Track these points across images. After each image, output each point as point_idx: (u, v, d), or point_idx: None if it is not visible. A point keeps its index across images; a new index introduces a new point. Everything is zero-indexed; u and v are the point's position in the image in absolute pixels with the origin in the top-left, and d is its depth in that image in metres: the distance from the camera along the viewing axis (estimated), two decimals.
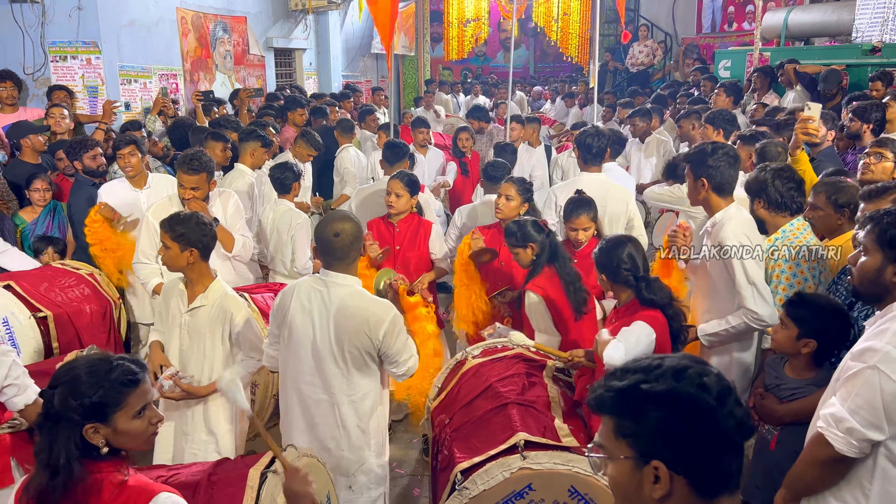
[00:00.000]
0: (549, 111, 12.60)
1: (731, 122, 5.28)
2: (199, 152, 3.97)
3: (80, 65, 7.49)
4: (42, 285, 4.11)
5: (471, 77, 15.89)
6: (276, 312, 2.91)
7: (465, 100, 13.63)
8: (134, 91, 8.08)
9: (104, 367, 1.79)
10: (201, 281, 3.06)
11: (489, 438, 2.63)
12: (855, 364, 1.97)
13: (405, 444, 4.42)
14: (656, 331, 2.76)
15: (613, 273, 2.90)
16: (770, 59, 8.72)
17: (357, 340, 2.72)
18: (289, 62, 12.05)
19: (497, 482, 2.39)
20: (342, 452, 2.86)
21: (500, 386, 2.94)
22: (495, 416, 2.76)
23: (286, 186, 4.52)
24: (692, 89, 9.72)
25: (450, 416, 2.93)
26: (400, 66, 15.69)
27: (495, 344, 3.42)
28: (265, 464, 2.37)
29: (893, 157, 3.60)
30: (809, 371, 2.68)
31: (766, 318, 2.96)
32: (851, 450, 1.94)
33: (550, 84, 15.24)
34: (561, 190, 4.53)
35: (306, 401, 2.85)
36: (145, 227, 3.99)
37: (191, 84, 9.09)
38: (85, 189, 4.75)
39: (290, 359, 2.86)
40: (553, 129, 10.03)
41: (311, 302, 2.77)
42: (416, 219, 4.24)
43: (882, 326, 1.97)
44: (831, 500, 2.07)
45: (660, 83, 12.72)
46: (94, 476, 1.74)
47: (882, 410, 1.89)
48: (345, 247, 2.73)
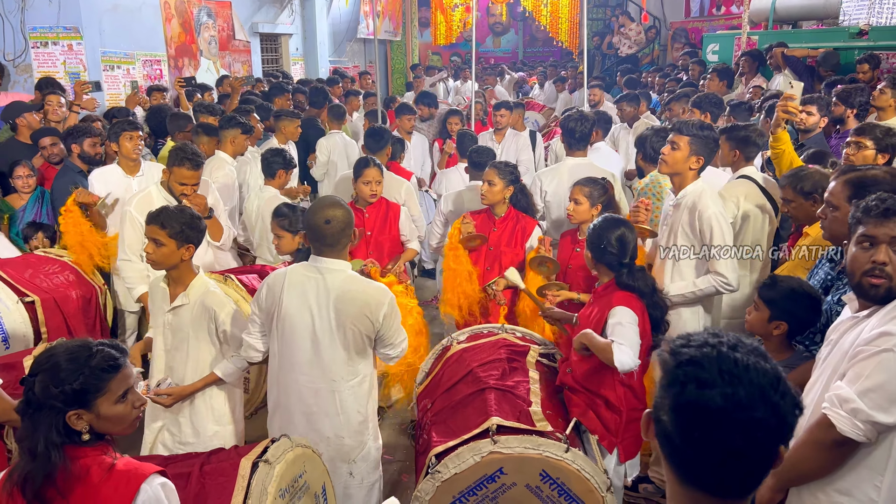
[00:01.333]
0: (539, 96, 12.55)
1: (718, 105, 5.29)
2: (194, 147, 3.93)
3: (62, 50, 7.39)
4: (27, 272, 4.07)
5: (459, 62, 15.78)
6: (263, 304, 2.82)
7: (454, 85, 13.56)
8: (117, 77, 7.99)
9: (84, 353, 1.78)
10: (184, 279, 2.95)
11: (465, 423, 2.66)
12: (867, 348, 1.90)
13: (395, 431, 4.42)
14: (636, 312, 2.80)
15: (599, 253, 2.92)
16: (758, 42, 8.71)
17: (359, 324, 2.71)
18: (275, 47, 11.95)
19: (468, 465, 2.43)
20: (343, 440, 2.85)
21: (481, 371, 2.96)
22: (472, 401, 2.78)
23: (272, 171, 4.49)
24: (680, 73, 9.71)
25: (432, 400, 2.96)
26: (388, 51, 15.58)
27: (481, 330, 3.42)
28: (257, 454, 2.36)
29: (873, 145, 3.60)
30: (780, 353, 2.73)
31: (733, 282, 3.21)
32: (855, 431, 1.87)
33: (538, 69, 15.16)
34: (546, 175, 4.52)
35: (303, 391, 2.82)
36: (129, 222, 3.85)
37: (175, 70, 8.99)
38: (70, 176, 4.69)
39: (285, 350, 2.81)
40: (542, 115, 9.99)
41: (306, 290, 2.73)
42: (384, 203, 4.25)
43: (894, 313, 1.91)
44: (834, 494, 1.99)
45: (648, 67, 12.69)
46: (80, 461, 1.74)
47: (895, 393, 1.83)
48: (336, 233, 2.71)
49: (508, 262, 3.90)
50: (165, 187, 3.93)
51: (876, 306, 1.99)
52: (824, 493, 2.01)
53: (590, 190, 3.61)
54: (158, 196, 3.89)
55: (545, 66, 14.77)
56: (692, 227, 3.26)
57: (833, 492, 1.99)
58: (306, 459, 2.47)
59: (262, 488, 2.22)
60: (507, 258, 3.92)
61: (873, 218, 1.99)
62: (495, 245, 3.94)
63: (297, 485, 2.40)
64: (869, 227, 2.00)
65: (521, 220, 3.95)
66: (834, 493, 1.99)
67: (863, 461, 1.93)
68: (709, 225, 3.20)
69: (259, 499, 2.20)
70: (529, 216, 4.01)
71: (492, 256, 3.95)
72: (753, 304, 2.77)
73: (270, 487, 2.22)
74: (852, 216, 2.09)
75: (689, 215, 3.27)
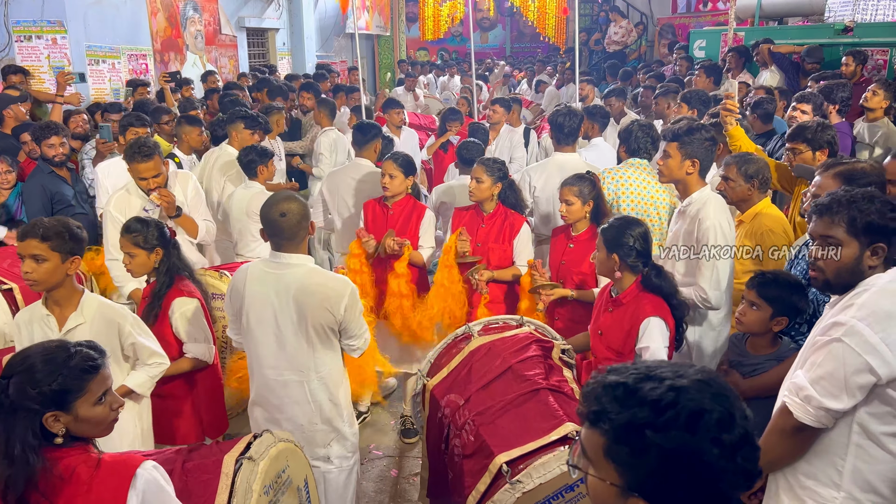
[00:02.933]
0: (527, 92, 12.55)
1: (706, 102, 5.30)
2: (141, 138, 3.85)
3: (46, 44, 7.30)
4: (5, 262, 4.00)
5: (447, 57, 15.76)
6: (230, 300, 2.85)
7: (442, 80, 13.54)
8: (102, 72, 7.91)
9: (62, 353, 1.75)
10: (71, 298, 2.70)
11: (527, 426, 2.48)
12: (821, 338, 2.00)
13: (382, 426, 4.42)
14: (667, 322, 2.75)
15: (626, 252, 2.80)
16: (744, 38, 8.76)
17: (321, 317, 2.72)
18: (262, 42, 11.88)
19: (554, 476, 2.23)
20: (315, 426, 2.88)
21: (523, 368, 2.77)
22: (528, 402, 2.61)
23: (251, 170, 4.47)
24: (665, 68, 9.75)
25: (464, 397, 2.74)
26: (375, 46, 15.53)
27: (497, 321, 3.29)
28: (240, 450, 2.33)
29: (807, 147, 3.63)
30: (770, 347, 2.76)
31: (713, 302, 3.08)
32: (808, 417, 1.97)
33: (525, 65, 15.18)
34: (535, 171, 4.52)
35: (271, 384, 2.85)
36: (110, 222, 3.79)
37: (161, 65, 8.91)
38: (40, 177, 4.63)
39: (251, 345, 2.83)
40: (530, 111, 9.99)
41: (266, 285, 2.74)
42: (411, 202, 4.15)
43: (848, 302, 2.00)
44: (802, 478, 2.09)
45: (636, 63, 12.74)
46: (62, 462, 1.71)
47: (843, 381, 1.92)
48: (292, 227, 2.70)
49: (496, 258, 3.90)
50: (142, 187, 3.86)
51: (838, 296, 2.08)
52: (794, 478, 2.11)
53: (579, 188, 3.58)
54: (135, 193, 3.85)
55: (534, 62, 14.79)
56: (691, 234, 3.18)
57: (801, 476, 2.09)
58: (289, 454, 2.45)
59: (246, 486, 2.19)
60: (494, 255, 3.91)
61: (812, 216, 2.13)
62: (483, 242, 3.93)
63: (281, 480, 2.39)
64: (810, 225, 2.15)
65: (509, 216, 3.94)
66: (802, 478, 2.09)
67: (825, 446, 2.03)
68: (705, 235, 3.09)
69: (244, 497, 2.17)
70: (518, 213, 4.00)
71: (480, 253, 3.94)
72: (748, 304, 2.74)
73: (255, 485, 2.19)
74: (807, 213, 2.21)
75: (690, 224, 3.19)
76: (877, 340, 1.89)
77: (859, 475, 1.99)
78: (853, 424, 1.98)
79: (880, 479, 1.98)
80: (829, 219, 2.06)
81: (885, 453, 1.97)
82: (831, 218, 2.06)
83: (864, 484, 1.99)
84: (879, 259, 2.02)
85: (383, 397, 4.63)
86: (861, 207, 2.01)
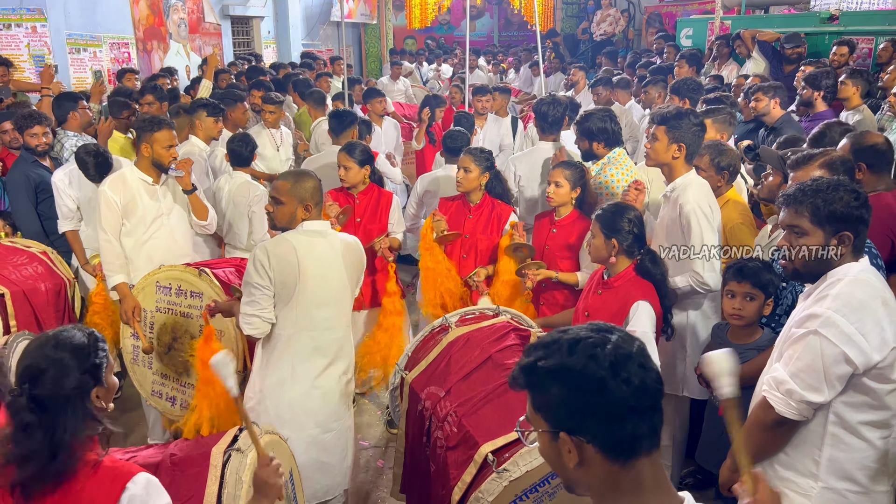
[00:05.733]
0: (514, 81, 12.51)
1: (696, 90, 5.31)
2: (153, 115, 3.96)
3: (25, 33, 7.19)
4: None
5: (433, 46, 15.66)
6: (276, 275, 2.80)
7: (429, 69, 13.46)
8: (83, 60, 7.80)
9: (68, 335, 1.77)
10: None
11: (511, 415, 2.46)
12: (797, 330, 2.02)
13: (369, 418, 4.42)
14: (655, 308, 2.79)
15: (622, 237, 2.84)
16: (731, 27, 8.77)
17: (359, 269, 3.09)
18: (246, 31, 11.76)
19: (540, 462, 2.25)
20: (349, 378, 3.12)
21: (503, 357, 2.78)
22: (510, 391, 2.52)
23: (243, 159, 4.43)
24: (654, 57, 9.74)
25: (444, 388, 2.74)
26: (362, 34, 15.42)
27: (473, 311, 3.29)
28: (227, 442, 2.32)
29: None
30: (751, 335, 2.80)
31: (711, 284, 3.09)
32: (790, 411, 2.00)
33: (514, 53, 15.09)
34: (519, 160, 4.50)
35: (325, 344, 2.97)
36: (105, 203, 3.74)
37: (143, 54, 8.80)
38: (23, 167, 4.57)
39: (304, 314, 2.89)
40: (518, 99, 9.96)
41: (317, 250, 2.89)
42: (375, 190, 4.16)
43: (822, 294, 2.02)
44: (780, 469, 2.12)
45: (623, 52, 12.71)
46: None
47: (822, 373, 1.94)
48: (318, 195, 2.95)
49: (485, 249, 3.89)
50: (144, 166, 3.83)
51: (811, 286, 2.11)
52: (772, 468, 2.14)
53: (570, 173, 3.61)
54: (132, 176, 3.81)
55: (521, 51, 14.72)
56: (674, 220, 3.21)
57: (779, 466, 2.12)
58: (275, 445, 2.45)
59: (236, 477, 2.19)
60: (483, 245, 3.90)
61: (780, 206, 2.16)
62: (471, 233, 3.91)
63: None
64: (779, 216, 2.18)
65: (496, 206, 3.93)
66: (780, 468, 2.12)
67: (802, 437, 2.06)
68: (686, 220, 3.11)
69: (234, 487, 2.17)
70: (505, 202, 4.00)
71: (468, 244, 3.93)
72: (742, 297, 2.78)
73: (245, 475, 2.19)
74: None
75: (673, 209, 3.22)
76: (852, 331, 1.91)
77: (836, 464, 2.02)
78: (829, 415, 2.01)
79: (857, 467, 2.01)
80: (794, 209, 2.08)
81: (860, 441, 2.00)
82: (796, 208, 2.08)
83: (840, 473, 2.02)
84: (847, 247, 2.03)
85: (368, 390, 4.62)
86: (825, 197, 2.02)
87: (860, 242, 2.05)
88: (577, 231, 3.65)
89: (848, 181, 2.10)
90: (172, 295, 3.60)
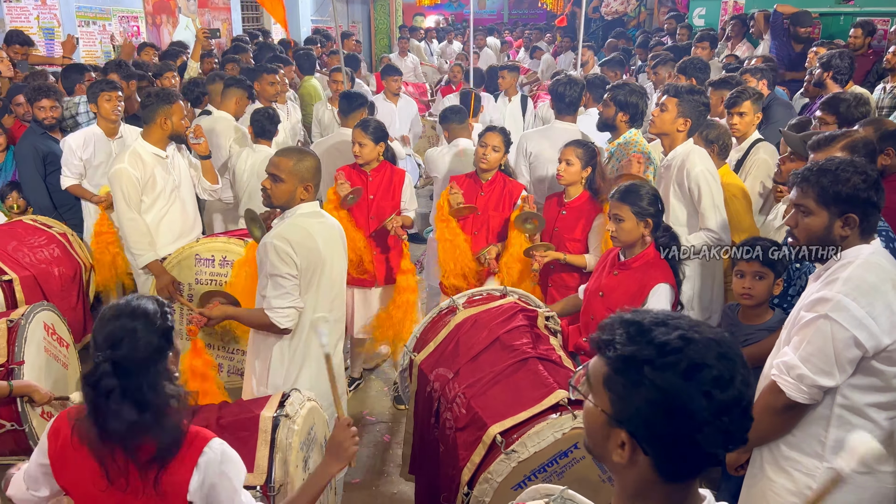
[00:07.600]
0: (524, 60, 12.41)
1: (703, 70, 5.28)
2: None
3: (35, 5, 7.16)
4: (10, 244, 3.91)
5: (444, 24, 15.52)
6: (301, 262, 2.75)
7: (440, 47, 13.37)
8: (93, 33, 7.77)
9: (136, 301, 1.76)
10: None
11: (519, 396, 2.49)
12: (807, 314, 2.01)
13: (375, 393, 4.46)
14: (674, 288, 2.78)
15: (649, 214, 2.76)
16: (745, 6, 8.66)
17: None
18: (255, 5, 11.67)
19: (548, 443, 2.27)
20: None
21: (510, 339, 2.77)
22: (518, 372, 2.61)
23: (264, 131, 4.52)
24: (665, 37, 9.64)
25: (453, 370, 2.73)
26: (371, 10, 15.29)
27: (480, 292, 3.29)
28: (275, 407, 2.38)
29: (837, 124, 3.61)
30: (761, 317, 2.79)
31: (725, 238, 3.28)
32: (801, 395, 2.01)
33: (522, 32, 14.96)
34: (531, 137, 4.48)
35: (336, 323, 3.04)
36: (126, 178, 3.68)
37: (153, 27, 8.77)
38: (32, 138, 4.59)
39: (323, 296, 2.89)
40: (526, 78, 9.89)
41: (327, 235, 2.90)
42: (388, 167, 4.14)
43: (832, 276, 2.01)
44: (786, 450, 2.13)
45: (634, 31, 12.58)
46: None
47: (833, 357, 1.94)
48: (318, 177, 2.90)
49: (496, 226, 3.90)
50: (156, 139, 3.81)
51: (821, 268, 2.10)
52: (778, 449, 2.15)
53: (582, 152, 3.61)
54: (145, 151, 3.79)
55: (530, 30, 14.59)
56: (681, 186, 3.33)
57: (784, 447, 2.14)
58: (315, 412, 2.52)
59: (287, 443, 2.28)
60: (494, 222, 3.91)
61: (791, 185, 2.15)
62: (483, 209, 3.91)
63: (310, 437, 2.47)
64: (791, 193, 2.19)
65: (507, 183, 3.93)
66: (785, 449, 2.13)
67: (808, 418, 2.07)
68: (696, 183, 3.26)
69: (285, 452, 2.27)
70: (516, 180, 4.01)
71: (479, 221, 3.94)
72: (752, 276, 2.74)
73: (293, 441, 2.28)
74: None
75: (679, 174, 3.34)
76: (863, 314, 1.91)
77: (842, 445, 2.02)
78: (836, 396, 2.01)
79: None
80: (802, 188, 2.07)
81: (867, 422, 2.01)
82: (803, 187, 2.07)
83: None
84: (852, 229, 2.01)
85: (376, 365, 4.67)
86: (833, 177, 2.00)
87: (869, 225, 2.03)
88: (587, 213, 3.64)
89: (861, 162, 2.07)
90: (216, 266, 3.65)
